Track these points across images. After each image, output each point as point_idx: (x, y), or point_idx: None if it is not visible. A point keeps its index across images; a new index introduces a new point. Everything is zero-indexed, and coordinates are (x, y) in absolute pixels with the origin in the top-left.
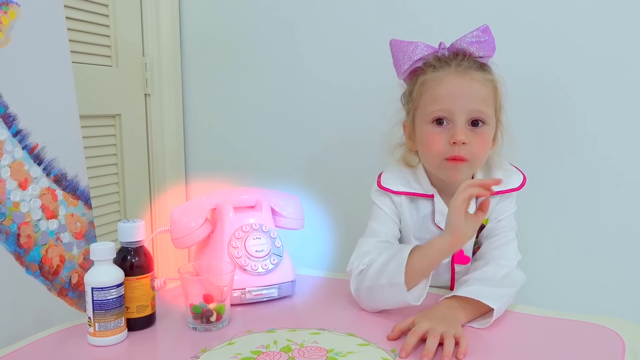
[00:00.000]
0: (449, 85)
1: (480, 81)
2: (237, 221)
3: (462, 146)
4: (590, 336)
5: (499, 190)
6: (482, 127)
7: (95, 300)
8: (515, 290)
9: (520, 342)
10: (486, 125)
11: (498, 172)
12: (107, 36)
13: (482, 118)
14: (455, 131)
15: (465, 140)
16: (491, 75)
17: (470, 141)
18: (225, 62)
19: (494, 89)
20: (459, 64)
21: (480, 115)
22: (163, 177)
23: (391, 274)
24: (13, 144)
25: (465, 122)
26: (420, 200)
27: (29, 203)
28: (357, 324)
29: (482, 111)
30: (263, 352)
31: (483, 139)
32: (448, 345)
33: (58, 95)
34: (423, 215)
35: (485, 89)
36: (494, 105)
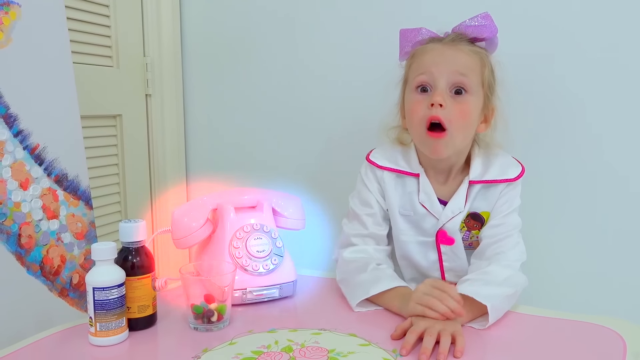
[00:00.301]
0: (434, 53)
1: (466, 52)
2: (238, 221)
3: (440, 109)
4: (591, 336)
5: (495, 179)
6: (464, 96)
7: (97, 300)
8: (515, 292)
9: (520, 342)
10: (468, 95)
11: (496, 161)
12: (108, 37)
13: (463, 84)
14: (434, 93)
15: (442, 102)
16: (480, 49)
17: (449, 106)
18: (226, 62)
19: (480, 60)
20: (450, 38)
21: (462, 80)
22: (164, 177)
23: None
24: (14, 144)
25: (446, 87)
26: (406, 178)
27: (30, 203)
28: (358, 324)
29: (464, 75)
30: (264, 352)
31: (463, 107)
32: (444, 343)
33: (59, 96)
34: (409, 192)
35: (469, 57)
36: (480, 77)
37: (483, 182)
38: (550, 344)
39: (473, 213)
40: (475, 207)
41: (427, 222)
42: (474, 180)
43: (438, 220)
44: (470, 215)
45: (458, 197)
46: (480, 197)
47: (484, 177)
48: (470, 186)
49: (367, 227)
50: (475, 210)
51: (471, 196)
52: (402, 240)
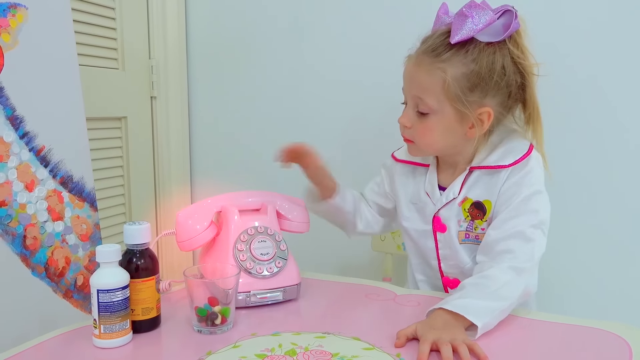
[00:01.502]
0: (405, 69)
1: (426, 70)
2: (242, 224)
3: (405, 128)
4: (596, 342)
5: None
6: (427, 116)
7: (101, 302)
8: (510, 305)
9: (523, 347)
10: (430, 115)
11: (503, 147)
12: (114, 39)
13: (422, 107)
14: (402, 114)
15: (406, 123)
16: (444, 62)
17: (415, 125)
18: (230, 65)
19: (440, 77)
20: (423, 45)
21: (420, 103)
22: (168, 179)
23: None
24: (20, 146)
25: (412, 106)
26: (418, 169)
27: (35, 205)
28: (362, 328)
29: (421, 99)
30: (268, 356)
31: (425, 126)
32: (463, 352)
33: (65, 98)
34: (418, 182)
35: (427, 77)
36: (443, 94)
37: (480, 167)
38: (554, 349)
39: (477, 202)
40: (477, 196)
41: (428, 209)
42: (475, 166)
43: (435, 206)
44: (473, 204)
45: (455, 184)
46: (480, 185)
47: (483, 162)
48: (471, 173)
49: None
50: (479, 199)
51: (468, 183)
52: (405, 227)
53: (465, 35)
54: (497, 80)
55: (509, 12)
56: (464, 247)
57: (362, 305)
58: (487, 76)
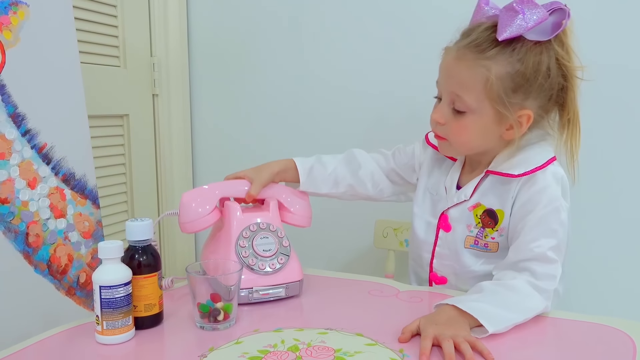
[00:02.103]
0: (443, 62)
1: (469, 65)
2: (244, 220)
3: (438, 125)
4: (601, 338)
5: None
6: (464, 115)
7: (103, 298)
8: (524, 319)
9: (529, 343)
10: (468, 113)
11: (522, 155)
12: (115, 37)
13: (459, 105)
14: (434, 109)
15: (440, 120)
16: (489, 60)
17: (449, 122)
18: (233, 63)
19: (483, 75)
20: (465, 38)
21: (458, 101)
22: (170, 176)
23: None
24: (22, 143)
25: (448, 103)
26: (447, 161)
27: (37, 202)
28: (365, 323)
29: (459, 96)
30: (270, 352)
31: (460, 124)
32: (466, 350)
33: (67, 95)
34: (442, 173)
35: (470, 74)
36: (483, 93)
37: (494, 173)
38: (559, 346)
39: (489, 209)
40: (491, 203)
41: (440, 204)
42: (491, 170)
43: (447, 202)
44: (486, 211)
45: (469, 186)
46: (493, 192)
47: (497, 168)
48: (486, 177)
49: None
50: (492, 207)
51: (481, 187)
52: (414, 211)
53: (515, 32)
54: (541, 82)
55: (561, 10)
56: (469, 252)
57: (365, 301)
58: (532, 77)
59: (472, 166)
